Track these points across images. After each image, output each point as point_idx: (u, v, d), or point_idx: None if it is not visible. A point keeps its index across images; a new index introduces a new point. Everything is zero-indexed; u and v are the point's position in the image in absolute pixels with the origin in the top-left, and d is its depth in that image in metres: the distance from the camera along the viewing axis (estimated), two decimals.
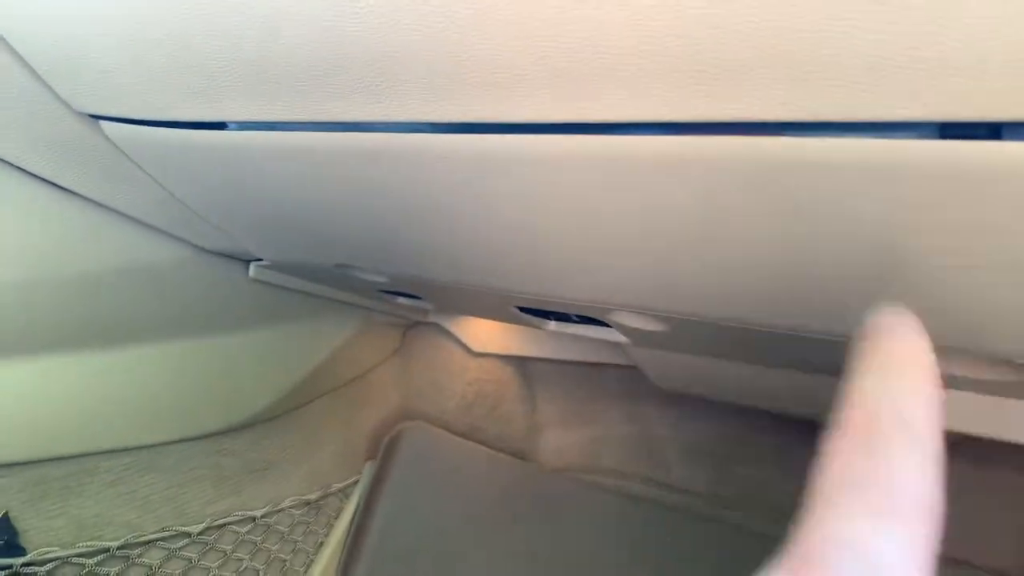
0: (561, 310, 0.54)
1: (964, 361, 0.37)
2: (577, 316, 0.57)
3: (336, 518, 0.76)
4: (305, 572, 0.72)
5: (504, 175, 0.33)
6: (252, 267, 0.61)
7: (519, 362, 0.89)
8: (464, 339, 0.87)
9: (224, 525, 0.65)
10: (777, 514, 0.72)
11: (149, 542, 0.60)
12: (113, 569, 0.57)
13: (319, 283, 0.67)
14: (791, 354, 0.47)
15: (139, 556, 0.59)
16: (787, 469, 0.73)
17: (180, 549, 0.61)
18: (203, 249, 0.57)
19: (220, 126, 0.40)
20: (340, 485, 0.76)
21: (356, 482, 0.79)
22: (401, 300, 0.72)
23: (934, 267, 0.28)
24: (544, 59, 0.26)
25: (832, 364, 0.48)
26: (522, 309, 0.57)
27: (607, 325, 0.54)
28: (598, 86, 0.26)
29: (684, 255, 0.34)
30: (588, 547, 0.72)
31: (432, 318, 0.86)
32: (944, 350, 0.34)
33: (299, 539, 0.71)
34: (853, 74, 0.22)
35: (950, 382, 0.42)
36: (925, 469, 0.16)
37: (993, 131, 0.22)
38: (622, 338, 0.56)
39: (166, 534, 0.60)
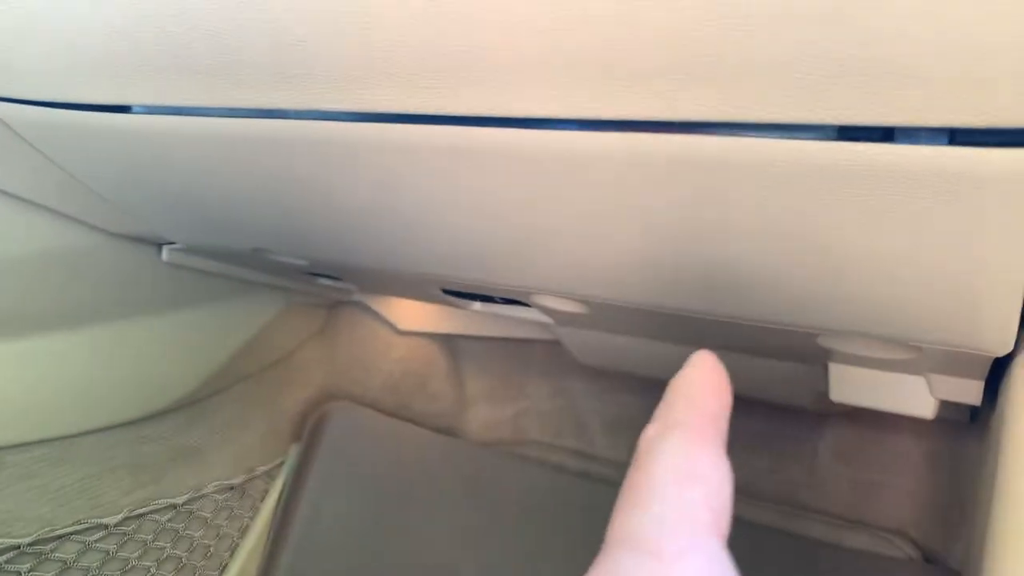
0: (485, 293, 0.55)
1: (870, 343, 0.39)
2: (501, 298, 0.57)
3: (261, 501, 0.75)
4: (230, 556, 0.71)
5: (422, 165, 0.33)
6: (165, 251, 0.59)
7: (446, 339, 0.89)
8: (390, 318, 0.86)
9: (143, 514, 0.63)
10: None
11: (63, 536, 0.58)
12: (24, 566, 0.55)
13: (237, 265, 0.65)
14: (706, 335, 0.49)
15: (52, 551, 0.57)
16: None
17: (96, 542, 0.60)
18: (112, 233, 0.55)
19: (124, 109, 0.39)
20: (265, 468, 0.75)
21: (281, 464, 0.78)
22: (323, 281, 0.71)
23: (833, 260, 0.29)
24: (457, 53, 0.26)
25: (744, 344, 0.50)
26: (447, 291, 0.57)
27: (531, 306, 0.55)
28: (511, 81, 0.26)
29: (601, 245, 0.34)
30: (518, 519, 0.73)
31: (356, 297, 0.85)
32: (849, 333, 0.36)
33: (223, 524, 0.70)
34: (757, 78, 0.22)
35: (854, 360, 0.45)
36: None
37: (887, 134, 0.23)
38: (546, 318, 0.57)
39: (81, 527, 0.59)
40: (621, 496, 0.19)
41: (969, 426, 0.62)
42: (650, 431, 0.20)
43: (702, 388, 0.21)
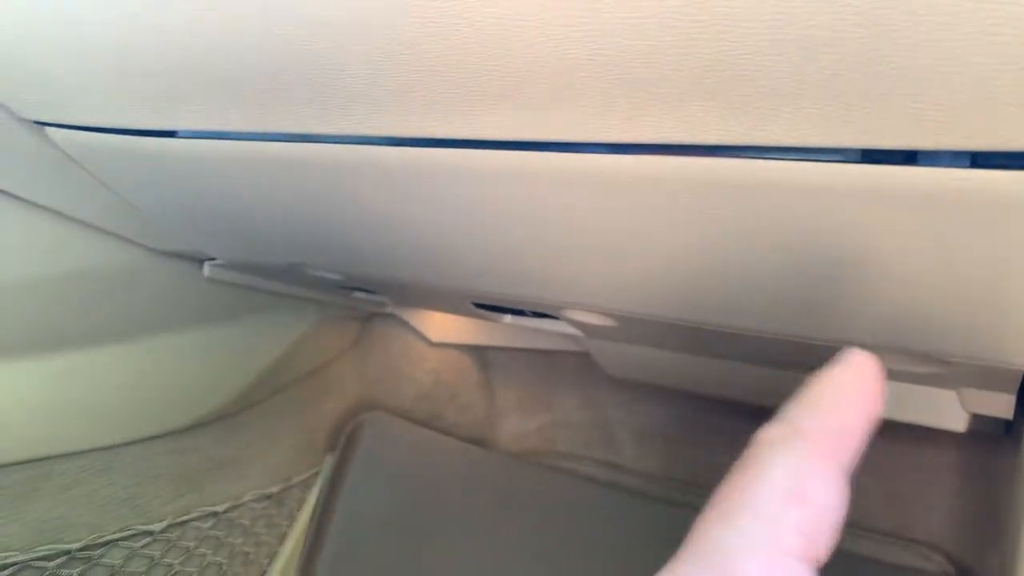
0: (517, 307, 0.56)
1: (900, 357, 0.39)
2: (532, 311, 0.58)
3: (298, 510, 0.76)
4: (269, 564, 0.72)
5: (458, 187, 0.34)
6: (206, 266, 0.61)
7: (477, 351, 0.90)
8: (422, 329, 0.87)
9: (186, 522, 0.65)
10: None
11: (110, 542, 0.60)
12: (75, 571, 0.57)
13: (274, 280, 0.67)
14: (735, 348, 0.49)
15: (101, 557, 0.59)
16: (734, 450, 0.76)
17: (142, 548, 0.61)
18: (156, 251, 0.57)
19: (171, 134, 0.40)
20: (301, 477, 0.77)
21: (317, 473, 0.79)
22: (358, 294, 0.72)
23: (860, 277, 0.29)
24: (490, 80, 0.27)
25: (773, 358, 0.50)
26: (479, 304, 0.58)
27: (561, 319, 0.55)
28: (543, 106, 0.27)
29: (630, 262, 0.35)
30: (548, 530, 0.74)
31: (390, 309, 0.86)
32: (883, 348, 0.37)
33: (262, 532, 0.72)
34: (782, 102, 0.23)
35: (890, 375, 0.45)
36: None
37: (910, 157, 0.24)
38: (575, 331, 0.58)
39: (127, 533, 0.60)
40: (714, 497, 0.17)
41: (1003, 439, 0.62)
42: (770, 432, 0.18)
43: (843, 394, 0.18)
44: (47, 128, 0.43)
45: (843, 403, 0.18)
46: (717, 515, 0.17)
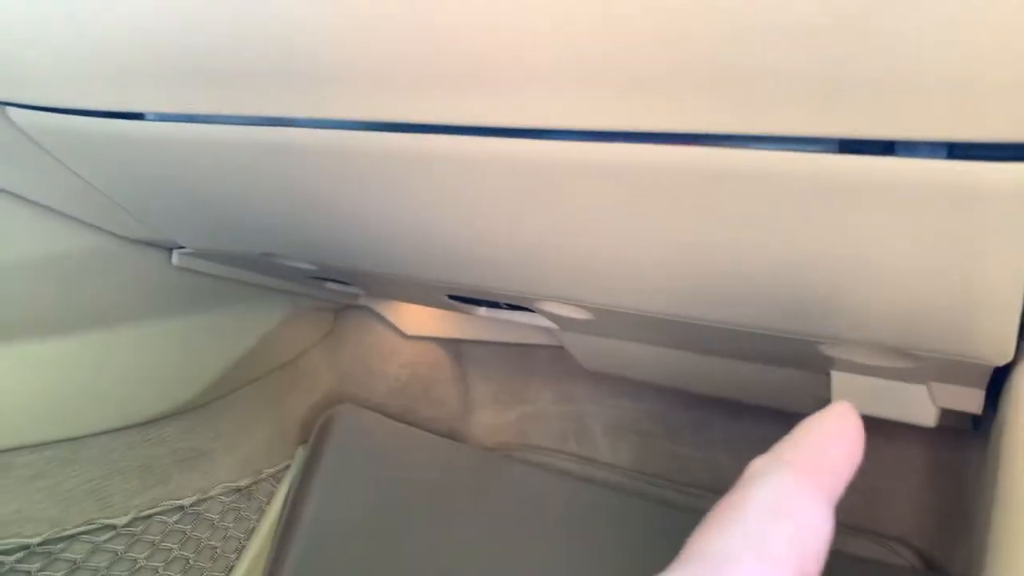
0: (491, 299, 0.55)
1: (872, 352, 0.40)
2: (507, 303, 0.57)
3: (268, 503, 0.75)
4: (237, 558, 0.71)
5: (430, 174, 0.33)
6: (175, 255, 0.59)
7: (451, 344, 0.90)
8: (396, 322, 0.87)
9: (151, 516, 0.64)
10: (696, 487, 0.75)
11: (72, 536, 0.58)
12: (34, 565, 0.56)
13: (245, 269, 0.66)
14: (710, 342, 0.49)
15: (62, 551, 0.57)
16: (705, 444, 0.76)
17: (105, 542, 0.60)
18: (123, 238, 0.56)
19: (137, 116, 0.39)
20: (272, 470, 0.76)
21: (288, 467, 0.78)
22: (331, 285, 0.71)
23: (834, 270, 0.29)
24: (466, 64, 0.26)
25: (749, 352, 0.50)
26: (453, 297, 0.58)
27: (535, 312, 0.55)
28: (519, 92, 0.26)
29: (607, 254, 0.35)
30: (522, 523, 0.74)
31: (363, 302, 0.85)
32: (851, 342, 0.37)
33: (230, 526, 0.71)
34: (760, 91, 0.23)
35: (856, 368, 0.45)
36: None
37: (887, 147, 0.24)
38: (550, 324, 0.57)
39: (90, 527, 0.59)
40: (708, 515, 0.19)
41: (971, 434, 0.63)
42: (760, 461, 0.20)
43: (829, 436, 0.20)
44: (8, 108, 0.41)
45: (827, 443, 0.20)
46: (709, 528, 0.18)
